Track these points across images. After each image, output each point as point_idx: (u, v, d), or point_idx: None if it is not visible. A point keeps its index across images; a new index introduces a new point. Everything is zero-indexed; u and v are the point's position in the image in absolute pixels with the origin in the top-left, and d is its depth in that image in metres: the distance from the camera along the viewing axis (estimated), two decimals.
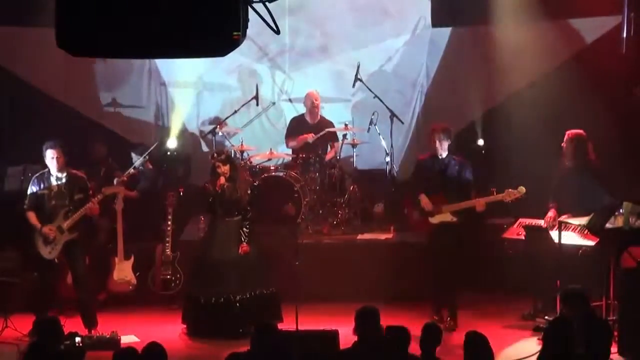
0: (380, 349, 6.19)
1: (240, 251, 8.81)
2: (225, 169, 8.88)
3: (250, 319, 8.45)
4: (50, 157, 8.71)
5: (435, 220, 9.06)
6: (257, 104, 11.44)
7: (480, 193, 9.04)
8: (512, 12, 10.81)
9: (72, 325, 8.52)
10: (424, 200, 9.09)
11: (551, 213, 8.96)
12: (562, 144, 9.06)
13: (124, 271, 9.97)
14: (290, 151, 11.21)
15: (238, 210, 8.94)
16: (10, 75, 11.11)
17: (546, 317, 8.53)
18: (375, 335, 6.39)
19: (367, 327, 6.41)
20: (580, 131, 9.03)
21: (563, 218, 8.80)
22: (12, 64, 11.16)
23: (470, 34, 11.31)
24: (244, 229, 8.87)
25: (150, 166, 10.82)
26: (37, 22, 10.03)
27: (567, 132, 9.07)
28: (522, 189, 8.83)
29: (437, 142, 9.06)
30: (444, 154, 9.10)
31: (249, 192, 9.17)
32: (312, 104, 11.09)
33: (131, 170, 10.35)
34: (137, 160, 10.68)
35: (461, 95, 11.26)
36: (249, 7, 4.44)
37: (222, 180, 8.85)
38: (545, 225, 8.93)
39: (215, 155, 9.06)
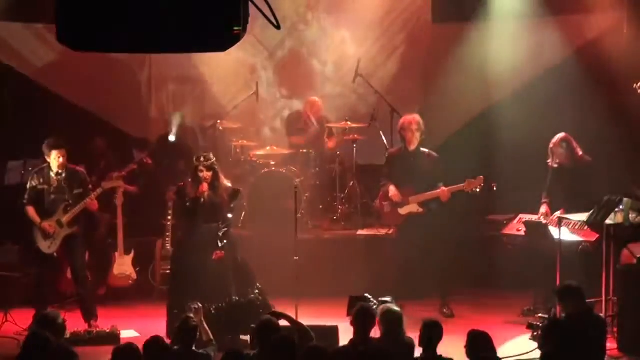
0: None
1: (214, 256, 8.43)
2: (207, 175, 8.47)
3: (226, 327, 8.03)
4: (55, 157, 8.70)
5: (403, 211, 9.24)
6: (257, 100, 11.42)
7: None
8: (512, 8, 10.80)
9: (73, 319, 8.52)
10: (393, 192, 9.23)
11: (544, 209, 8.99)
12: (550, 147, 8.98)
13: (124, 266, 9.99)
14: (289, 146, 11.21)
15: (217, 217, 8.56)
16: (9, 69, 11.11)
17: (536, 316, 8.55)
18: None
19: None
20: (564, 134, 8.95)
21: (559, 213, 8.80)
22: (10, 58, 11.17)
23: (470, 30, 11.29)
24: (221, 235, 8.48)
25: (150, 161, 10.80)
26: (34, 18, 10.05)
27: (553, 141, 8.93)
28: (481, 178, 8.94)
29: (410, 135, 9.16)
30: (413, 147, 9.21)
31: (229, 192, 8.62)
32: (312, 112, 11.11)
33: (131, 166, 10.35)
34: (138, 155, 10.68)
35: (461, 92, 11.24)
36: (249, 2, 4.43)
37: (205, 187, 8.48)
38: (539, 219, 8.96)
39: (201, 159, 8.54)
